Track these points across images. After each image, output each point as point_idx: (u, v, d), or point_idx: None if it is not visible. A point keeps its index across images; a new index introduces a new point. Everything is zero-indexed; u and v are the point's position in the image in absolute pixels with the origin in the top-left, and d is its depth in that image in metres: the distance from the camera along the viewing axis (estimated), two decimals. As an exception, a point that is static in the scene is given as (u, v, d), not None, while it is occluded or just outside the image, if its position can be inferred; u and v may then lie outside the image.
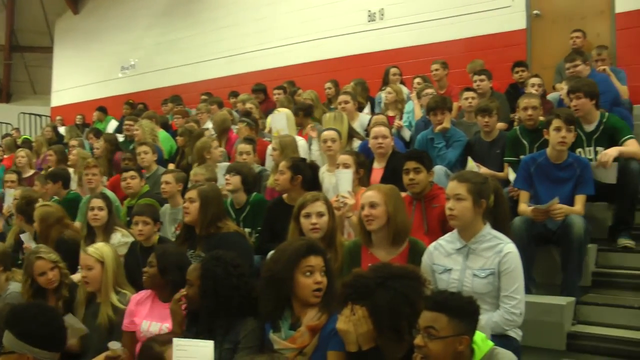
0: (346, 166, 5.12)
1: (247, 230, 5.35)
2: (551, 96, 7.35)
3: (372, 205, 3.74)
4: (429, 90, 7.43)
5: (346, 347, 2.80)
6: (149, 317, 3.92)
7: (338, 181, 4.83)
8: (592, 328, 4.51)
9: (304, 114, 7.62)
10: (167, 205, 5.95)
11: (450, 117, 6.45)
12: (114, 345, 3.44)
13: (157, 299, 3.98)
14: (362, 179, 5.23)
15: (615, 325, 4.50)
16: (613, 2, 8.71)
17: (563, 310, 4.36)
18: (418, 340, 2.58)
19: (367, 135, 6.30)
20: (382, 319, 2.70)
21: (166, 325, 3.77)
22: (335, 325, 2.86)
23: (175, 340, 3.08)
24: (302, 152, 6.61)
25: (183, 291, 3.52)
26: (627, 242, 5.13)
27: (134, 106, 12.35)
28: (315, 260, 3.09)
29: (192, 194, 4.62)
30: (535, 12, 9.25)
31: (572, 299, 4.55)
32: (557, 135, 4.86)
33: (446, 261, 3.59)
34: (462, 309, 2.60)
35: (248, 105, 8.97)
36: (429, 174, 4.72)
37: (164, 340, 3.23)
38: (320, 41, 11.10)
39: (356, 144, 6.59)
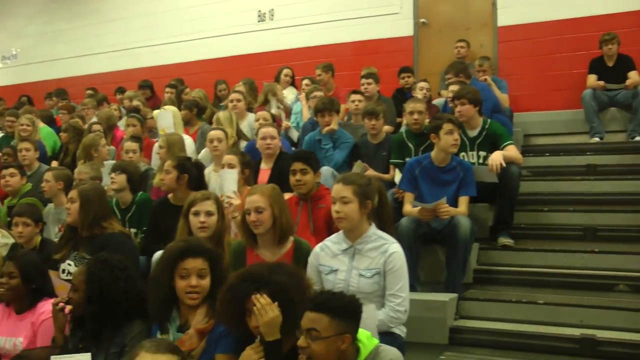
0: (231, 166, 5.09)
1: (132, 230, 5.19)
2: (437, 101, 7.60)
3: (258, 210, 3.72)
4: (317, 93, 7.48)
5: (268, 338, 2.74)
6: (3, 333, 3.73)
7: (223, 181, 4.79)
8: (473, 322, 4.70)
9: (198, 111, 7.50)
10: (50, 205, 5.67)
11: (338, 119, 6.53)
12: None
13: (10, 312, 3.78)
14: (248, 179, 5.20)
15: (495, 319, 4.72)
16: (495, 16, 9.12)
17: (446, 306, 4.50)
18: (301, 341, 2.59)
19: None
20: (285, 297, 2.70)
21: (20, 340, 3.62)
22: (222, 327, 2.83)
23: (53, 358, 3.00)
24: (189, 150, 6.49)
25: (65, 297, 3.38)
26: (506, 240, 5.38)
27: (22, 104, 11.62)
28: (192, 263, 3.05)
29: (72, 193, 4.43)
30: (422, 20, 9.51)
31: (455, 295, 4.71)
32: (451, 138, 5.01)
33: (332, 262, 3.60)
34: (343, 309, 2.63)
35: (135, 102, 8.73)
36: (316, 175, 4.74)
37: (39, 355, 3.09)
38: (209, 40, 10.91)
39: (243, 143, 6.56)
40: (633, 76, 7.65)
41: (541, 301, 4.79)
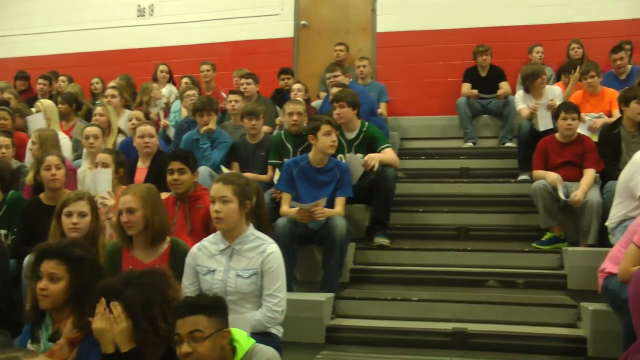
0: (105, 165, 4.91)
1: (2, 231, 4.88)
2: (315, 103, 7.66)
3: (130, 210, 3.62)
4: (191, 92, 7.33)
5: (102, 349, 2.63)
6: None
7: (96, 181, 4.63)
8: (350, 321, 4.75)
9: (77, 107, 7.19)
10: None
11: (216, 119, 6.46)
12: None
13: None
14: (122, 178, 5.04)
15: (371, 317, 4.80)
16: (374, 22, 9.34)
17: (322, 306, 4.52)
18: (185, 348, 2.55)
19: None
20: (135, 310, 2.60)
21: None
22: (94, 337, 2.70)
23: None
24: (66, 151, 6.19)
25: None
26: (382, 240, 5.46)
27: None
28: (45, 266, 2.89)
29: None
30: (302, 22, 9.58)
31: (332, 294, 4.74)
32: (328, 140, 5.05)
33: (210, 262, 3.54)
34: (214, 306, 2.67)
35: (6, 95, 8.22)
36: (194, 174, 4.65)
37: None
38: (87, 32, 10.42)
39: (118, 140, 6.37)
40: (504, 86, 8.06)
41: (415, 298, 4.92)
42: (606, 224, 4.83)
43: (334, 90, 6.29)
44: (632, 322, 3.34)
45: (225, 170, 5.80)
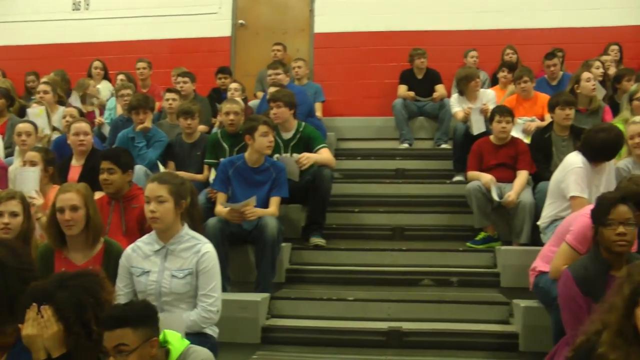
0: (33, 164, 4.76)
1: None
2: (252, 103, 7.62)
3: (74, 208, 3.52)
4: (125, 91, 7.18)
5: (34, 356, 2.55)
6: None
7: (23, 180, 4.50)
8: (285, 321, 4.75)
9: (9, 103, 6.96)
10: None
11: (152, 117, 6.36)
12: None
13: None
14: (53, 177, 4.90)
15: (306, 317, 4.80)
16: (312, 22, 9.36)
17: (258, 306, 4.50)
18: None
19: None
20: (67, 314, 2.53)
21: None
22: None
23: None
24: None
25: None
26: (318, 240, 5.47)
27: None
28: None
29: None
30: (240, 21, 9.52)
31: (267, 295, 4.73)
32: (265, 140, 5.04)
33: (144, 263, 3.47)
34: (141, 315, 2.58)
35: None
36: (126, 174, 4.52)
37: None
38: (20, 24, 10.01)
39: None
40: (440, 89, 8.19)
41: (351, 298, 4.95)
42: (538, 223, 4.95)
43: (272, 89, 6.27)
44: (561, 317, 3.43)
45: (162, 169, 5.71)
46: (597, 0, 9.13)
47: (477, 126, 6.50)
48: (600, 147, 4.61)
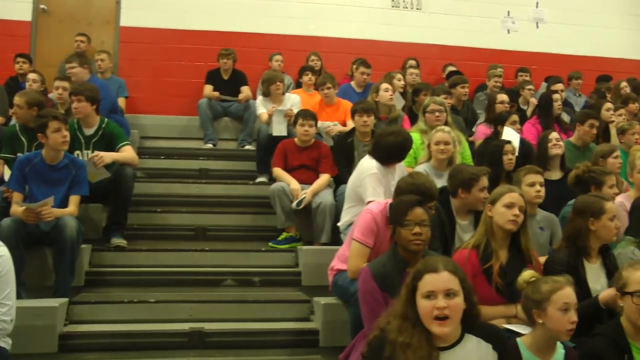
0: None
1: None
2: (53, 95, 7.23)
3: None
4: None
5: None
6: None
7: None
8: (85, 326, 4.56)
9: None
10: None
11: None
12: None
13: None
14: None
15: (107, 321, 4.64)
16: (119, 15, 9.07)
17: (55, 312, 4.29)
18: None
19: None
20: None
21: None
22: None
23: None
24: None
25: None
26: (120, 241, 5.34)
27: None
28: None
29: None
30: (42, 7, 8.96)
31: (65, 300, 4.54)
32: (59, 136, 4.83)
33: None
34: None
35: None
36: None
37: None
38: None
39: None
40: (245, 91, 8.30)
41: (153, 300, 4.87)
42: (338, 224, 5.19)
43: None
44: (359, 313, 3.62)
45: None
46: (397, 17, 9.80)
47: (279, 128, 6.67)
48: (390, 149, 4.93)
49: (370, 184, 4.82)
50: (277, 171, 5.94)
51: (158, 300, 4.88)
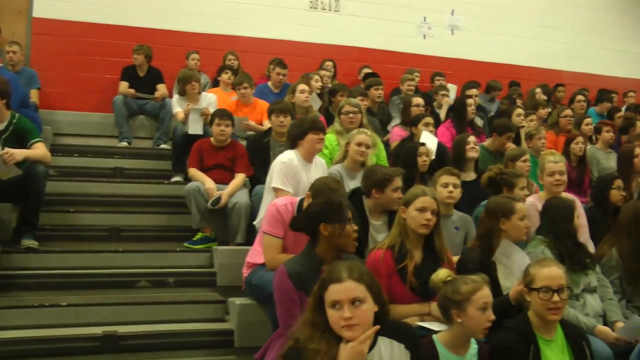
0: None
1: None
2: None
3: None
4: None
5: None
6: None
7: None
8: (-6, 334, 4.41)
9: None
10: None
11: None
12: None
13: None
14: None
15: (15, 327, 4.49)
16: (31, 5, 8.76)
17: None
18: None
19: None
20: None
21: None
22: None
23: None
24: None
25: None
26: (31, 243, 5.20)
27: None
28: None
29: None
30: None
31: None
32: None
33: None
34: None
35: None
36: None
37: None
38: None
39: None
40: (162, 89, 8.24)
41: (64, 303, 4.76)
42: (254, 223, 5.21)
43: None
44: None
45: None
46: (315, 18, 9.92)
47: (195, 127, 6.67)
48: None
49: (278, 172, 4.89)
50: (193, 171, 5.92)
51: (70, 304, 4.77)
